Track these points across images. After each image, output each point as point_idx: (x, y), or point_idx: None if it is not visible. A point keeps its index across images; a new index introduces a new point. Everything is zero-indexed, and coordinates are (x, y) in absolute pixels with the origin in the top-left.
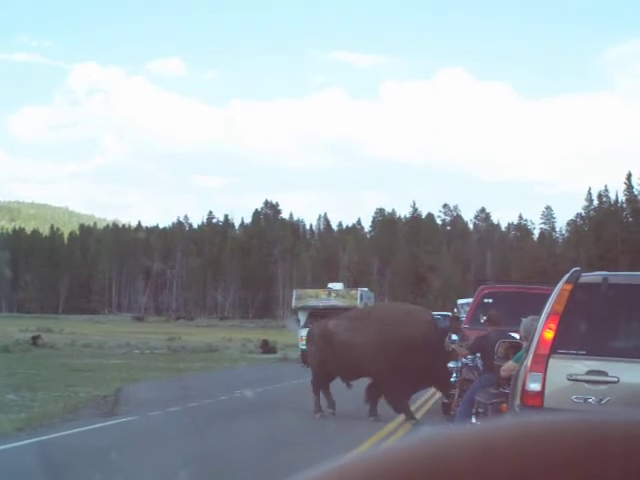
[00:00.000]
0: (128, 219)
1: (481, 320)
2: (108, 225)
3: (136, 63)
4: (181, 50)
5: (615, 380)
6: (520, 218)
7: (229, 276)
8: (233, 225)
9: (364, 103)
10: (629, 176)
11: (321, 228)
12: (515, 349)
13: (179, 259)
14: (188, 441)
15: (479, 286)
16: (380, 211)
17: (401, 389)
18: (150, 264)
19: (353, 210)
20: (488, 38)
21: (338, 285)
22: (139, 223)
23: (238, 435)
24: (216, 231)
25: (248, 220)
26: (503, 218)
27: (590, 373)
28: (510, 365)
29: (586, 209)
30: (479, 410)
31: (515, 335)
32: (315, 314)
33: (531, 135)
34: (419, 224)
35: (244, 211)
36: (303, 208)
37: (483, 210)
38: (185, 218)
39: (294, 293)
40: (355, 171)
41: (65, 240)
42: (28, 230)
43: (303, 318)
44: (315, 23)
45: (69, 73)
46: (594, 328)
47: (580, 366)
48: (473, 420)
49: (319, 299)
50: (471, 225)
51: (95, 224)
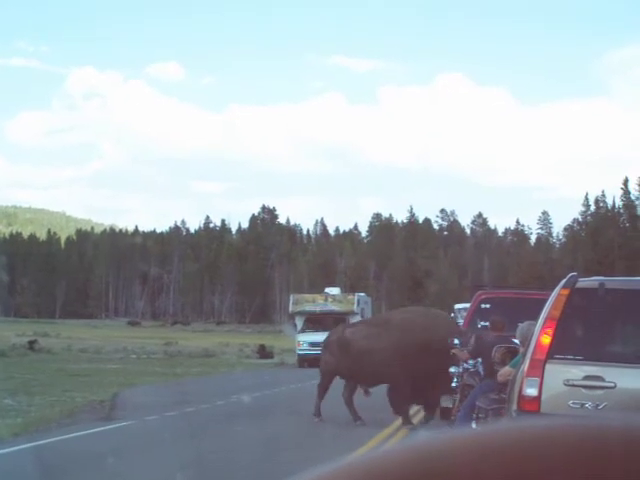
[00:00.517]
0: (125, 224)
1: (478, 325)
2: (105, 230)
3: (134, 67)
4: (179, 55)
5: (612, 385)
6: (517, 223)
7: (226, 281)
8: (230, 230)
9: (362, 108)
10: (626, 181)
11: (318, 233)
12: (512, 354)
13: (176, 264)
14: (185, 446)
15: (476, 291)
16: (377, 216)
17: (411, 393)
18: (147, 269)
19: (350, 215)
20: (486, 43)
21: (335, 290)
22: (136, 228)
23: (235, 440)
24: (213, 236)
25: (245, 225)
26: (500, 223)
27: (587, 378)
28: (507, 370)
29: (583, 214)
30: (480, 415)
31: (518, 341)
32: (312, 319)
33: (528, 140)
34: (416, 229)
35: (241, 216)
36: (300, 213)
37: (480, 215)
38: (182, 223)
39: (291, 298)
40: (352, 176)
41: (62, 245)
42: (25, 235)
43: (300, 323)
44: (313, 28)
45: (66, 78)
46: (591, 333)
47: (577, 371)
48: (473, 425)
49: (316, 304)
50: (468, 230)
51: (92, 229)
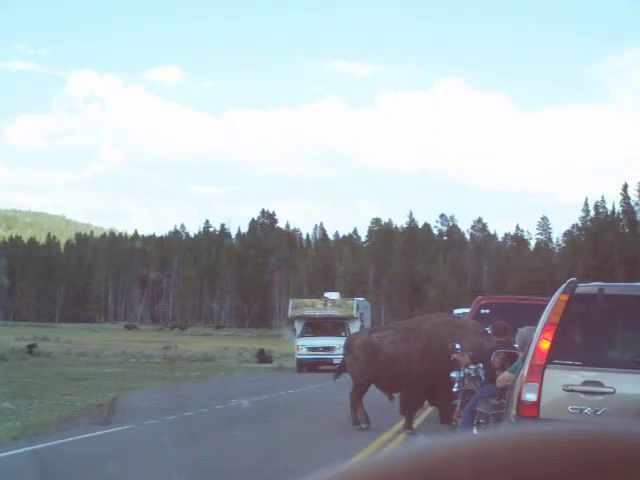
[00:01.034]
0: (125, 228)
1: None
2: (105, 234)
3: (133, 72)
4: (178, 58)
5: (611, 391)
6: (517, 228)
7: (225, 285)
8: (230, 234)
9: (361, 113)
10: (625, 187)
11: (317, 237)
12: (511, 359)
13: (175, 268)
14: (184, 450)
15: (476, 297)
16: (376, 221)
17: (423, 398)
18: (146, 273)
19: (349, 220)
20: (486, 49)
21: (334, 295)
22: (136, 232)
23: (234, 444)
24: (212, 240)
25: (245, 229)
26: (500, 228)
27: (586, 384)
28: (506, 376)
29: (583, 220)
30: (480, 421)
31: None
32: (311, 323)
33: (528, 145)
34: (415, 234)
35: (241, 220)
36: (300, 217)
37: (480, 220)
38: (182, 227)
39: (290, 302)
40: (352, 181)
41: (62, 249)
42: (25, 238)
43: (299, 327)
44: (313, 33)
45: (66, 81)
46: (590, 339)
47: (576, 377)
48: (474, 431)
49: (315, 308)
50: (468, 235)
51: (92, 233)
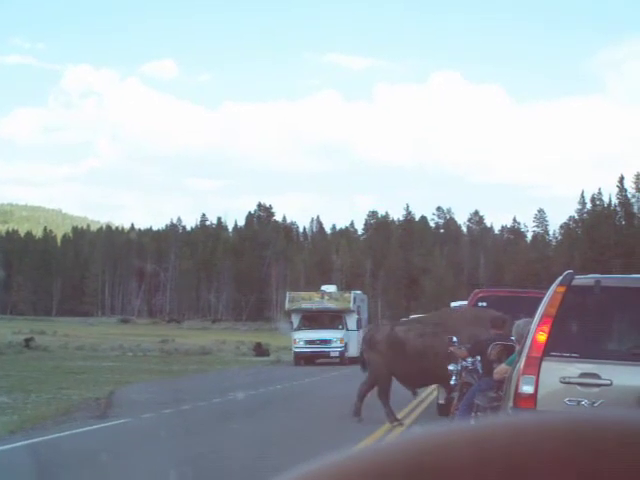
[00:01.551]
0: (121, 221)
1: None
2: (101, 227)
3: (130, 66)
4: (174, 52)
5: (608, 383)
6: (514, 221)
7: (222, 278)
8: (226, 227)
9: (358, 106)
10: (622, 179)
11: (314, 230)
12: (508, 352)
13: (172, 261)
14: (181, 443)
15: (473, 290)
16: (373, 214)
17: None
18: (143, 266)
19: (346, 213)
20: (481, 42)
21: (331, 288)
22: (132, 225)
23: (231, 437)
24: (209, 233)
25: (241, 222)
26: (497, 221)
27: (583, 376)
28: (503, 368)
29: (579, 212)
30: (478, 414)
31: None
32: (308, 316)
33: (524, 138)
34: (412, 227)
35: (237, 213)
36: (296, 210)
37: (476, 213)
38: (178, 220)
39: (287, 296)
40: (348, 173)
41: (58, 242)
42: (21, 232)
43: (296, 320)
44: (309, 26)
45: (62, 75)
46: (587, 331)
47: (573, 369)
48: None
49: (312, 302)
50: (464, 228)
51: (88, 226)
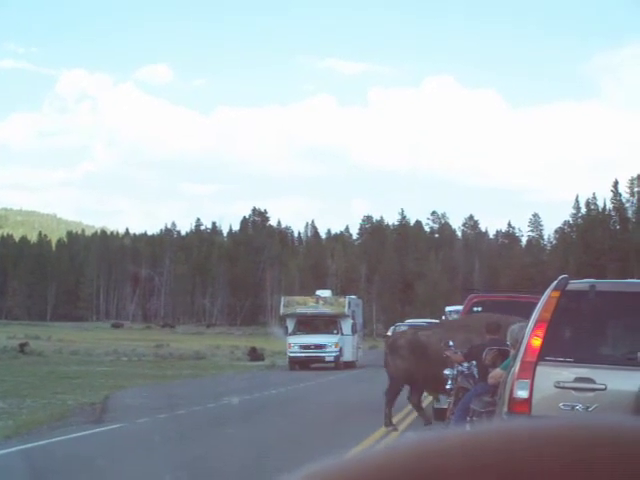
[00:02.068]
0: (116, 226)
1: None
2: (96, 232)
3: (124, 70)
4: (169, 57)
5: (602, 387)
6: (509, 226)
7: (217, 283)
8: (221, 232)
9: (352, 110)
10: (616, 184)
11: (309, 235)
12: (503, 356)
13: (167, 266)
14: (176, 448)
15: (468, 295)
16: (368, 218)
17: None
18: (138, 271)
19: (341, 217)
20: (476, 46)
21: (326, 292)
22: (127, 230)
23: (226, 442)
24: (204, 238)
25: (236, 227)
26: (491, 226)
27: (577, 380)
28: (497, 372)
29: (574, 217)
30: (474, 418)
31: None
32: (303, 321)
33: (519, 142)
34: (407, 231)
35: (232, 218)
36: (291, 215)
37: (471, 217)
38: (173, 225)
39: (282, 300)
40: (343, 178)
41: (53, 247)
42: (16, 237)
43: (291, 325)
44: (303, 31)
45: (57, 80)
46: (582, 335)
47: (567, 373)
48: (467, 428)
49: (307, 306)
50: (459, 232)
51: (83, 231)
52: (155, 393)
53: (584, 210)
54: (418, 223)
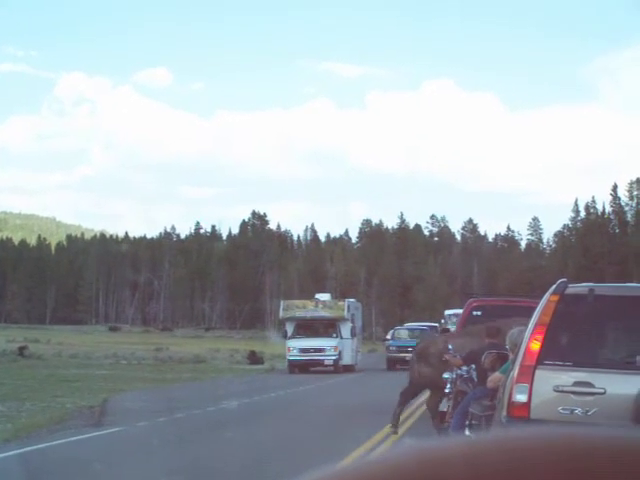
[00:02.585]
0: (115, 230)
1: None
2: (95, 235)
3: (123, 74)
4: (168, 61)
5: (602, 391)
6: (508, 229)
7: (216, 287)
8: (220, 236)
9: (351, 113)
10: (615, 187)
11: (308, 239)
12: (502, 360)
13: (166, 270)
14: (175, 452)
15: (468, 299)
16: (367, 222)
17: None
18: (137, 275)
19: (340, 221)
20: (474, 50)
21: (325, 296)
22: (126, 234)
23: (225, 446)
24: (203, 242)
25: (235, 231)
26: (490, 229)
27: (576, 384)
28: (496, 376)
29: (573, 220)
30: (473, 422)
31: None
32: (302, 325)
33: (518, 146)
34: (406, 235)
35: (231, 222)
36: (290, 219)
37: (470, 221)
38: (172, 229)
39: (281, 304)
40: (343, 182)
41: (52, 250)
42: (15, 240)
43: (290, 329)
44: (303, 34)
45: (56, 83)
46: (580, 339)
47: (566, 377)
48: (467, 432)
49: (306, 310)
50: (458, 236)
51: (82, 234)
52: (154, 396)
53: (583, 214)
54: (417, 227)
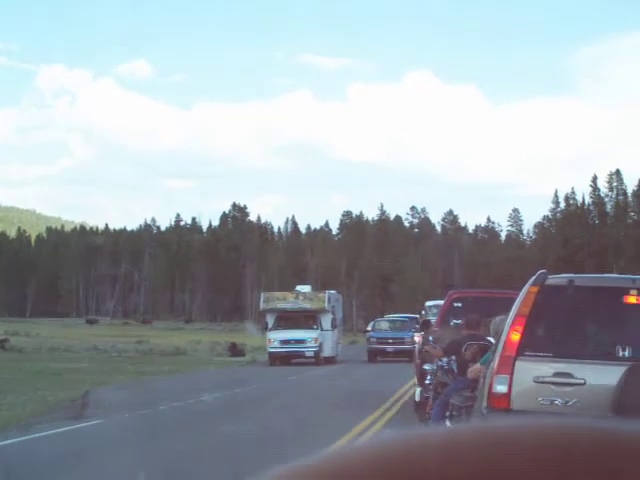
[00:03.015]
0: (95, 222)
1: (450, 323)
2: (75, 228)
3: (103, 66)
4: (148, 53)
5: (581, 382)
6: (488, 220)
7: (197, 279)
8: (201, 228)
9: (331, 105)
10: (595, 179)
11: (289, 231)
12: (483, 351)
13: (147, 262)
14: (156, 444)
15: (448, 291)
16: (347, 213)
17: None
18: (118, 267)
19: (321, 213)
20: (455, 41)
21: (306, 288)
22: (106, 226)
23: (207, 438)
24: (183, 234)
25: (216, 223)
26: (471, 220)
27: (556, 375)
28: (477, 367)
29: (553, 211)
30: (453, 413)
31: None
32: (283, 317)
33: (498, 138)
34: (387, 226)
35: (212, 214)
36: (271, 211)
37: (451, 212)
38: (152, 221)
39: (262, 296)
40: (323, 173)
41: (32, 243)
42: None
43: (271, 320)
44: (282, 26)
45: (36, 75)
46: (560, 330)
47: (546, 368)
48: (447, 423)
49: (287, 302)
50: (439, 227)
51: (62, 226)
52: (136, 389)
53: (563, 205)
54: (398, 218)
